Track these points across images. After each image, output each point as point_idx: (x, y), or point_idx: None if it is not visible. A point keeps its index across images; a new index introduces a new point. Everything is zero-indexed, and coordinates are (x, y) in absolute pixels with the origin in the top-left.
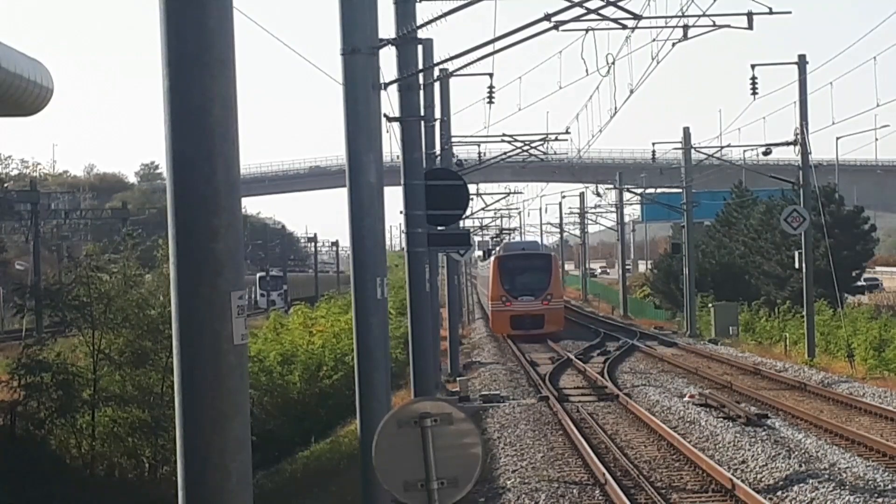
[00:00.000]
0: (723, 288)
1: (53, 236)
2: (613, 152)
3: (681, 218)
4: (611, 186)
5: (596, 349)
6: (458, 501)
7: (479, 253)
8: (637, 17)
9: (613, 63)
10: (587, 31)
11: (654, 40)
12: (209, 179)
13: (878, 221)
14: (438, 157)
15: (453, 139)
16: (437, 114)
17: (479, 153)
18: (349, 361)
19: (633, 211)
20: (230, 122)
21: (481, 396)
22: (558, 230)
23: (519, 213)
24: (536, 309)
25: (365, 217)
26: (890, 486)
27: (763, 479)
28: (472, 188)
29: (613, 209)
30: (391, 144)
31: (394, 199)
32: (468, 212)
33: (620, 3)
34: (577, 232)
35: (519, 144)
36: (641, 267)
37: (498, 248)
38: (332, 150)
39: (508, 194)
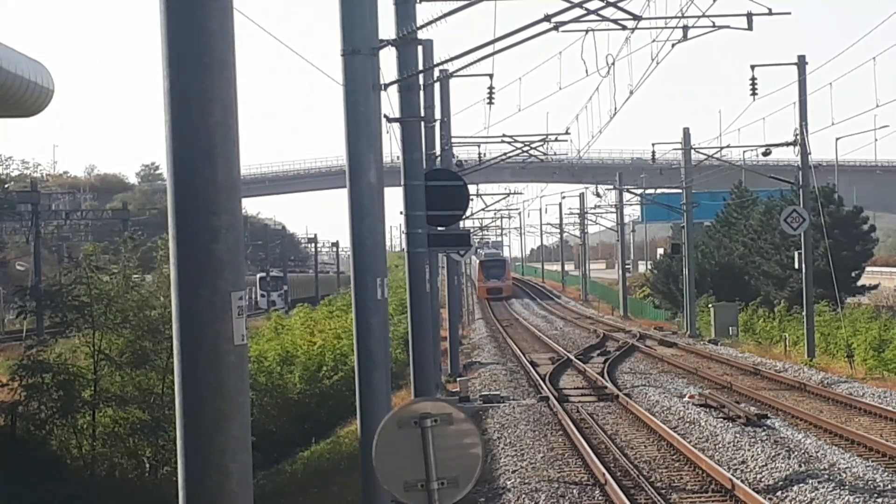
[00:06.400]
0: (722, 288)
1: (54, 237)
2: (613, 153)
3: (681, 218)
4: (611, 187)
5: (596, 349)
6: (459, 502)
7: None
8: (637, 18)
9: (613, 64)
10: (587, 31)
11: (653, 41)
12: (210, 180)
13: (877, 222)
14: (438, 158)
15: (453, 140)
16: (437, 114)
17: (479, 154)
18: (349, 362)
19: (632, 211)
20: (230, 123)
21: (481, 397)
22: (558, 230)
23: (519, 214)
24: (499, 285)
25: (365, 218)
26: (890, 486)
27: (763, 479)
28: (472, 189)
29: (613, 210)
30: (391, 145)
31: (394, 199)
32: (468, 212)
33: (620, 4)
34: (577, 232)
35: (519, 145)
36: (641, 267)
37: (481, 254)
38: (333, 150)
39: (508, 195)
